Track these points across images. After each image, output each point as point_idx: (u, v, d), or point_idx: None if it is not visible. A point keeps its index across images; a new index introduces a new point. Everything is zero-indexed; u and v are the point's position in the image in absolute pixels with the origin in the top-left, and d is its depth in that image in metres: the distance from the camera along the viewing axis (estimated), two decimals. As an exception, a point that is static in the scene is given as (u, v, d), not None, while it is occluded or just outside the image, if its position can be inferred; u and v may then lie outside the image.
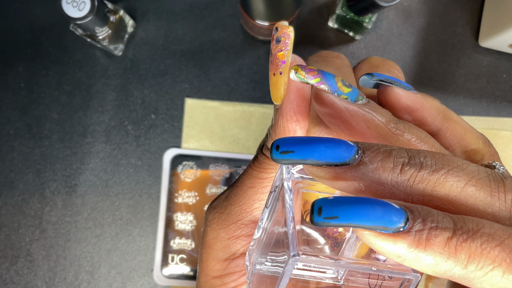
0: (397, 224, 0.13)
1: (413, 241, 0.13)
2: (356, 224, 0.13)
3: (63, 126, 0.51)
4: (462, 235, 0.13)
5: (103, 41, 0.47)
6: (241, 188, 0.20)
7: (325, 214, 0.13)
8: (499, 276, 0.13)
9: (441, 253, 0.13)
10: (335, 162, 0.15)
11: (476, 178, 0.15)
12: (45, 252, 0.50)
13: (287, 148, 0.15)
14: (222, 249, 0.20)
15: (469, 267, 0.13)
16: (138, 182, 0.50)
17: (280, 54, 0.18)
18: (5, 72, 0.51)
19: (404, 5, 0.52)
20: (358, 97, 0.17)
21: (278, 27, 0.18)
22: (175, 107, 0.51)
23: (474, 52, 0.52)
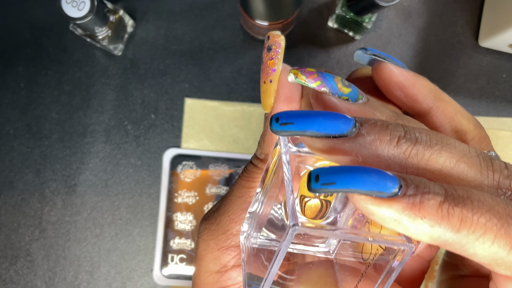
0: (392, 189, 0.13)
1: (407, 204, 0.13)
2: (352, 189, 0.13)
3: (62, 126, 0.51)
4: (454, 200, 0.14)
5: (103, 41, 0.47)
6: (230, 198, 0.20)
7: (322, 181, 0.13)
8: (491, 240, 0.13)
9: (435, 216, 0.13)
10: (333, 134, 0.15)
11: (467, 156, 0.15)
12: (44, 252, 0.50)
13: (286, 120, 0.15)
14: (213, 261, 0.20)
15: (462, 230, 0.13)
16: (137, 182, 0.50)
17: (271, 62, 0.18)
18: (5, 72, 0.51)
19: (404, 5, 0.52)
20: (358, 96, 0.17)
21: (270, 36, 0.18)
22: (175, 107, 0.51)
23: (474, 52, 0.52)
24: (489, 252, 0.14)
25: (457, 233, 0.13)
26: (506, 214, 0.14)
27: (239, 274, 0.19)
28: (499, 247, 0.14)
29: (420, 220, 0.13)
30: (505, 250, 0.14)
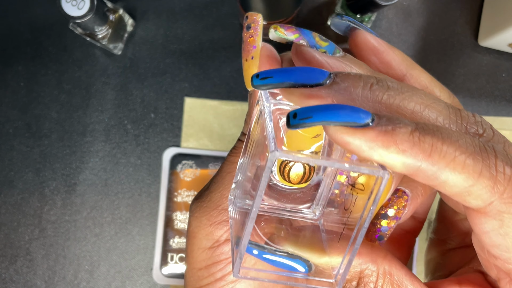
0: (365, 120, 0.14)
1: (380, 131, 0.14)
2: (327, 121, 0.14)
3: (62, 125, 0.51)
4: (424, 130, 0.14)
5: (103, 40, 0.47)
6: (221, 175, 0.20)
7: (300, 116, 0.14)
8: (461, 166, 0.14)
9: (407, 141, 0.14)
10: (310, 83, 0.16)
11: (436, 104, 0.16)
12: (44, 251, 0.50)
13: (266, 75, 0.16)
14: (205, 237, 0.20)
15: (433, 155, 0.14)
16: (137, 181, 0.50)
17: (251, 40, 0.19)
18: (5, 71, 0.51)
19: (404, 5, 0.52)
20: (335, 50, 0.18)
21: (248, 15, 0.19)
22: (175, 106, 0.51)
23: (473, 51, 0.52)
24: (459, 178, 0.14)
25: (428, 158, 0.14)
26: (474, 146, 0.14)
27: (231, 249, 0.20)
28: (468, 173, 0.14)
29: (393, 146, 0.14)
30: (474, 177, 0.14)
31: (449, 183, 0.14)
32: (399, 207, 0.19)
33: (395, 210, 0.19)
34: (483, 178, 0.14)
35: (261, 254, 0.17)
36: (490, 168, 0.14)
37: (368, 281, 0.17)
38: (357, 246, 0.16)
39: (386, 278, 0.17)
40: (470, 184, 0.14)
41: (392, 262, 0.17)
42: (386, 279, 0.17)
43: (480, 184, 0.14)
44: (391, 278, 0.17)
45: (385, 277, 0.17)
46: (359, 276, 0.17)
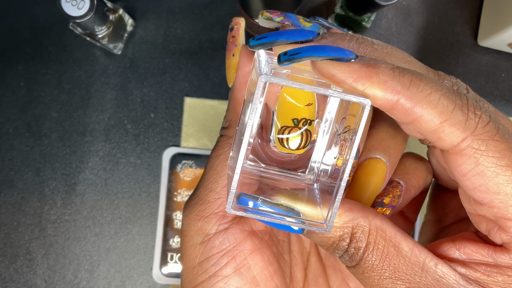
0: (350, 56, 0.16)
1: (363, 64, 0.15)
2: (315, 55, 0.15)
3: (62, 125, 0.51)
4: (404, 69, 0.16)
5: (103, 40, 0.47)
6: (205, 172, 0.21)
7: (290, 53, 0.15)
8: (437, 98, 0.15)
9: (387, 74, 0.15)
10: (300, 40, 0.17)
11: (416, 62, 0.18)
12: (44, 251, 0.50)
13: (261, 36, 0.17)
14: (196, 233, 0.20)
15: (411, 88, 0.15)
16: (137, 181, 0.50)
17: (233, 39, 0.20)
18: (5, 71, 0.51)
19: (403, 4, 0.52)
20: (319, 29, 0.19)
21: (232, 20, 0.21)
22: (175, 106, 0.51)
23: (473, 51, 0.52)
24: (433, 113, 0.15)
25: (406, 90, 0.15)
26: (447, 89, 0.16)
27: (222, 242, 0.20)
28: (442, 108, 0.15)
29: (375, 78, 0.15)
30: (447, 112, 0.15)
31: (424, 117, 0.15)
32: (394, 196, 0.20)
33: (390, 198, 0.20)
34: (455, 114, 0.15)
35: (256, 206, 0.17)
36: (462, 107, 0.15)
37: (360, 236, 0.17)
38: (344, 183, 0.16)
39: (378, 233, 0.17)
40: (443, 119, 0.15)
41: (384, 219, 0.18)
42: (378, 234, 0.17)
43: (453, 119, 0.15)
44: (383, 233, 0.17)
45: (377, 232, 0.17)
46: (351, 232, 0.17)
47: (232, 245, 0.20)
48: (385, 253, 0.17)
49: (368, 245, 0.17)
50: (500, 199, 0.16)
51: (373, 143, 0.20)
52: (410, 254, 0.17)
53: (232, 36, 0.20)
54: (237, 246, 0.20)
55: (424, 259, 0.17)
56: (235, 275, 0.20)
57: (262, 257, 0.20)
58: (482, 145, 0.15)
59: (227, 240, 0.20)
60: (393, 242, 0.17)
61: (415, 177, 0.21)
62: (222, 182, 0.20)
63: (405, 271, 0.17)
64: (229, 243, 0.20)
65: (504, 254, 0.17)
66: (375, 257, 0.17)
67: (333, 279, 0.22)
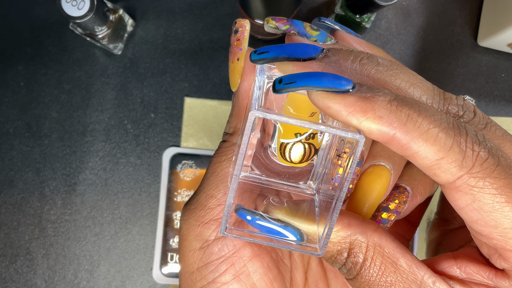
0: (346, 86, 0.15)
1: (359, 97, 0.15)
2: (310, 86, 0.15)
3: (62, 125, 0.51)
4: (403, 101, 0.15)
5: (103, 40, 0.47)
6: (206, 177, 0.21)
7: (285, 81, 0.15)
8: (433, 138, 0.15)
9: (384, 109, 0.15)
10: (303, 57, 0.17)
11: (423, 84, 0.17)
12: (44, 251, 0.50)
13: (263, 50, 0.17)
14: (195, 238, 0.20)
15: (408, 125, 0.15)
16: (137, 181, 0.50)
17: (238, 43, 0.20)
18: (5, 71, 0.51)
19: (403, 5, 0.52)
20: (327, 38, 0.19)
21: (236, 21, 0.20)
22: (175, 106, 0.51)
23: (472, 51, 0.52)
24: (430, 150, 0.15)
25: (403, 126, 0.15)
26: (448, 123, 0.15)
27: (221, 248, 0.20)
28: (440, 146, 0.15)
29: (370, 112, 0.15)
30: (445, 150, 0.15)
31: (421, 154, 0.15)
32: (400, 201, 0.20)
33: (396, 204, 0.20)
34: (453, 152, 0.15)
35: (254, 220, 0.17)
36: (460, 144, 0.15)
37: (358, 252, 0.17)
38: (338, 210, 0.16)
39: (376, 249, 0.17)
40: (440, 157, 0.15)
41: (383, 235, 0.18)
42: (376, 250, 0.17)
43: (449, 157, 0.15)
44: (381, 249, 0.17)
45: (375, 249, 0.17)
46: (349, 248, 0.17)
47: (231, 251, 0.20)
48: (382, 269, 0.17)
49: (365, 261, 0.17)
50: (498, 232, 0.15)
51: (377, 149, 0.19)
52: (408, 270, 0.17)
53: (236, 39, 0.20)
54: (236, 252, 0.20)
55: (423, 276, 0.17)
56: (234, 282, 0.19)
57: (262, 264, 0.20)
58: (479, 182, 0.15)
59: (226, 246, 0.20)
60: (391, 258, 0.17)
61: (422, 184, 0.20)
62: (223, 188, 0.20)
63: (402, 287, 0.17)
64: (228, 250, 0.20)
65: (505, 279, 0.17)
66: (372, 273, 0.17)
67: (334, 283, 0.22)
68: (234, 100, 0.21)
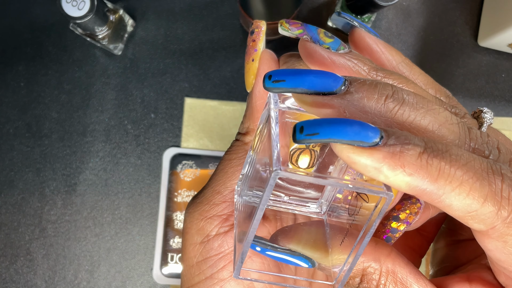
0: (373, 139, 0.14)
1: (387, 153, 0.14)
2: (334, 139, 0.14)
3: (62, 125, 0.51)
4: (433, 152, 0.14)
5: (103, 40, 0.47)
6: (215, 172, 0.21)
7: (307, 132, 0.14)
8: (466, 192, 0.14)
9: (414, 165, 0.14)
10: (323, 91, 0.15)
11: (449, 123, 0.16)
12: (44, 251, 0.50)
13: (278, 77, 0.15)
14: (197, 232, 0.20)
15: (439, 181, 0.14)
16: (137, 181, 0.50)
17: (253, 43, 0.19)
18: (5, 71, 0.51)
19: (403, 5, 0.52)
20: (340, 46, 0.18)
21: (253, 22, 0.20)
22: (175, 106, 0.51)
23: (473, 51, 0.52)
24: (463, 203, 0.14)
25: (434, 183, 0.14)
26: (481, 169, 0.14)
27: (220, 244, 0.20)
28: (473, 199, 0.14)
29: (399, 169, 0.14)
30: (479, 202, 0.14)
31: (454, 207, 0.14)
32: (411, 212, 0.19)
33: (406, 214, 0.19)
34: (487, 205, 0.14)
35: (264, 251, 0.17)
36: (496, 194, 0.14)
37: (371, 279, 0.17)
38: (359, 255, 0.16)
39: (389, 276, 0.17)
40: (474, 210, 0.14)
41: (396, 260, 0.17)
42: (389, 277, 0.17)
43: (484, 209, 0.14)
44: (394, 276, 0.17)
45: (388, 276, 0.17)
46: (362, 274, 0.17)
47: (231, 248, 0.20)
48: None
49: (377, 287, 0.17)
50: None
51: None
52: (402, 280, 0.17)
53: (252, 40, 0.20)
54: None
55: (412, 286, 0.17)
56: (231, 280, 0.19)
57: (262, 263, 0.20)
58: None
59: (226, 243, 0.20)
60: (404, 285, 0.17)
61: None
62: (230, 186, 0.20)
63: None
64: (228, 247, 0.20)
65: None
66: None
67: None
68: (248, 101, 0.20)
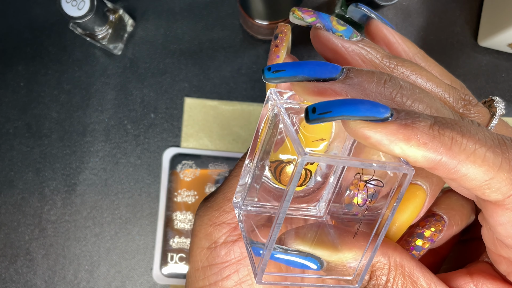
0: (385, 114, 0.14)
1: (400, 124, 0.14)
2: (347, 116, 0.14)
3: (62, 125, 0.51)
4: (443, 124, 0.14)
5: (103, 40, 0.47)
6: (228, 178, 0.21)
7: (320, 110, 0.14)
8: (481, 158, 0.14)
9: (427, 134, 0.14)
10: (323, 78, 0.15)
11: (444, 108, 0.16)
12: (44, 251, 0.50)
13: (278, 68, 0.15)
14: (205, 237, 0.20)
15: (454, 148, 0.14)
16: (137, 181, 0.50)
17: (276, 49, 0.19)
18: (5, 71, 0.51)
19: (403, 5, 0.52)
20: (353, 34, 0.18)
21: (278, 25, 0.19)
22: (175, 106, 0.51)
23: (473, 51, 0.52)
24: (479, 171, 0.14)
25: (449, 151, 0.14)
26: (492, 140, 0.14)
27: (227, 253, 0.20)
28: (488, 165, 0.14)
29: (413, 139, 0.14)
30: (494, 169, 0.14)
31: (469, 176, 0.14)
32: (436, 230, 0.19)
33: (431, 232, 0.19)
34: (502, 171, 0.14)
35: (272, 254, 0.17)
36: (510, 161, 0.14)
37: (380, 274, 0.17)
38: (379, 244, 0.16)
39: (397, 270, 0.17)
40: (490, 177, 0.14)
41: (403, 254, 0.18)
42: (398, 271, 0.17)
43: (499, 177, 0.14)
44: (403, 269, 0.17)
45: (396, 269, 0.17)
46: (371, 270, 0.17)
47: (237, 258, 0.19)
48: None
49: (387, 282, 0.17)
50: None
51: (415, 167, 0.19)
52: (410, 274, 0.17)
53: (275, 46, 0.19)
54: (242, 260, 0.19)
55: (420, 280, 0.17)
56: None
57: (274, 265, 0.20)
58: None
59: (232, 252, 0.19)
60: (412, 278, 0.17)
61: (459, 214, 0.20)
62: None
63: None
64: (234, 256, 0.19)
65: None
66: None
67: None
68: None
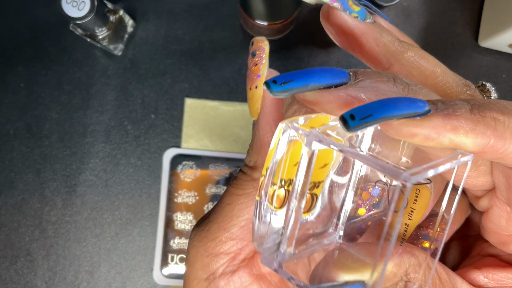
0: (425, 107, 0.14)
1: (443, 115, 0.14)
2: (390, 116, 0.13)
3: (62, 126, 0.51)
4: (479, 106, 0.14)
5: (103, 41, 0.47)
6: (220, 205, 0.20)
7: (359, 116, 0.13)
8: None
9: (471, 120, 0.14)
10: (334, 83, 0.15)
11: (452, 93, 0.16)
12: (44, 252, 0.50)
13: (285, 79, 0.14)
14: (202, 268, 0.19)
15: (499, 128, 0.14)
16: (137, 182, 0.50)
17: (255, 68, 0.18)
18: (5, 72, 0.51)
19: (404, 5, 0.52)
20: (366, 16, 0.17)
21: (254, 41, 0.18)
22: (175, 107, 0.51)
23: (473, 52, 0.52)
24: None
25: (495, 131, 0.14)
26: None
27: (226, 284, 0.19)
28: None
29: (460, 128, 0.14)
30: None
31: None
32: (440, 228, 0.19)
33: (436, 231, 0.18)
34: None
35: None
36: None
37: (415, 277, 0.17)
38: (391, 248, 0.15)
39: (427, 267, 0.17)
40: None
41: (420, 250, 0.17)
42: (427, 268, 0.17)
43: None
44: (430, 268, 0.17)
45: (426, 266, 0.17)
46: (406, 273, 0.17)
47: None
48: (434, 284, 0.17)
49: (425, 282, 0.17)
50: None
51: None
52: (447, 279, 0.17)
53: (254, 64, 0.18)
54: None
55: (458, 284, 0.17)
56: None
57: None
58: None
59: (232, 283, 0.19)
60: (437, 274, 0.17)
61: (459, 210, 0.20)
62: (237, 223, 0.19)
63: None
64: (235, 287, 0.19)
65: None
66: None
67: None
68: (254, 132, 0.19)
